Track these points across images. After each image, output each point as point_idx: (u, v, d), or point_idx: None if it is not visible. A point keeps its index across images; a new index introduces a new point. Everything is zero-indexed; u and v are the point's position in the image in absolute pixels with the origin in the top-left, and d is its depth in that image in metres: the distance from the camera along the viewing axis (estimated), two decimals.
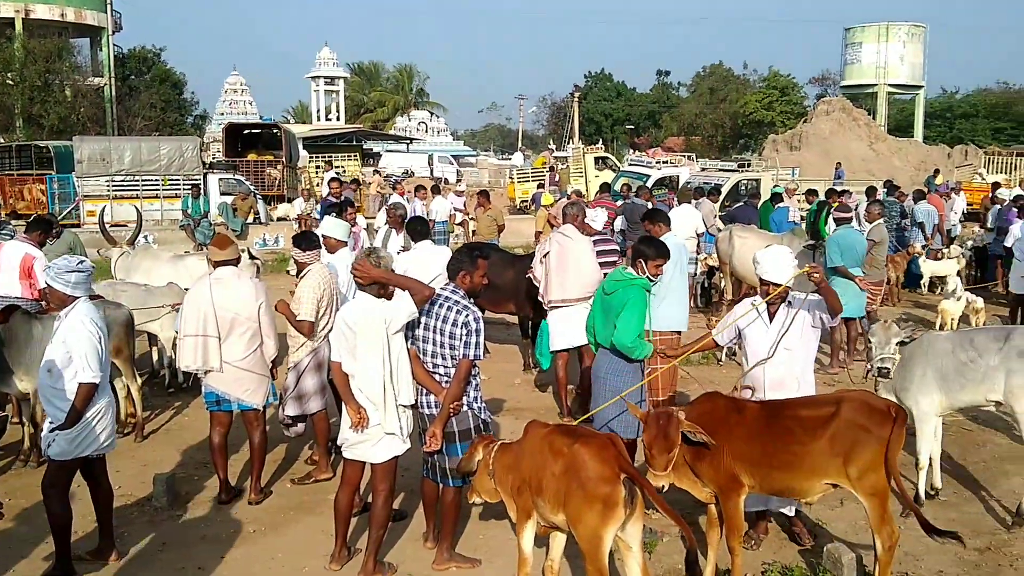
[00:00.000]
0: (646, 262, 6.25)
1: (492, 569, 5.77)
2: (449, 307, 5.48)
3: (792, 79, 68.84)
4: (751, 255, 13.11)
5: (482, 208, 17.40)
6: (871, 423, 5.03)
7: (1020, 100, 65.27)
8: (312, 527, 6.42)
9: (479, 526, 6.42)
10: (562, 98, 78.71)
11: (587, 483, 4.51)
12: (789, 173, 27.46)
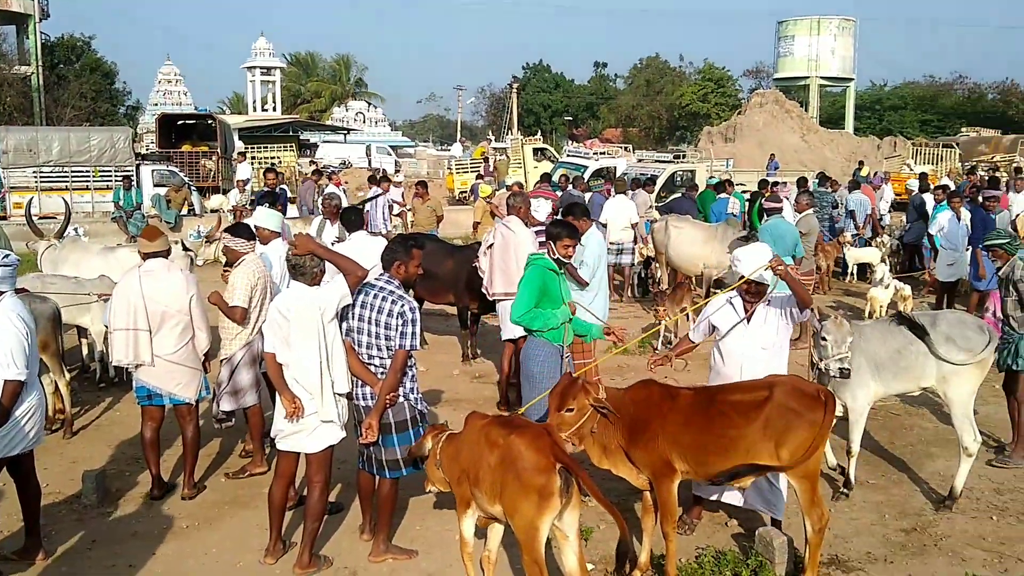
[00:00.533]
0: (555, 242, 6.42)
1: (429, 560, 5.77)
2: (384, 297, 5.46)
3: (727, 72, 69.85)
4: (686, 245, 13.47)
5: (420, 199, 17.34)
6: (802, 407, 5.12)
7: (945, 93, 66.99)
8: (247, 521, 6.35)
9: (416, 517, 6.41)
10: (501, 89, 78.83)
11: (523, 474, 4.51)
12: (723, 164, 27.88)
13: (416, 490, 6.59)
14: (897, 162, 33.90)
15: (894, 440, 8.09)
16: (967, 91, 67.58)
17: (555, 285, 6.40)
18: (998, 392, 8.18)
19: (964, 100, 66.29)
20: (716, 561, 5.58)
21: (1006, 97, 63.33)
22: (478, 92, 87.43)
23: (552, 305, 6.36)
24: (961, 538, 6.15)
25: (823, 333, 6.24)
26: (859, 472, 7.13)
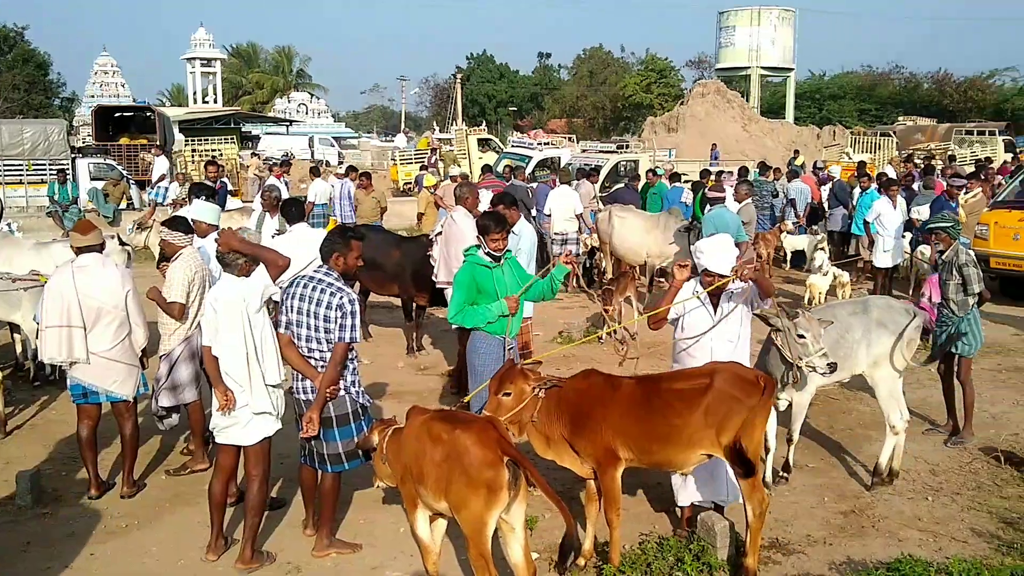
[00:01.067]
0: (484, 236, 6.37)
1: (373, 553, 5.74)
2: (323, 290, 5.40)
3: (670, 62, 70.30)
4: (630, 235, 13.54)
5: (365, 190, 17.24)
6: (742, 393, 5.18)
7: (883, 83, 68.16)
8: (188, 518, 6.26)
9: (360, 511, 6.38)
10: (445, 79, 78.50)
11: (470, 469, 4.48)
12: (666, 154, 28.09)
13: (360, 483, 6.58)
14: (836, 151, 34.42)
15: (832, 424, 8.23)
16: (904, 81, 68.82)
17: (488, 280, 6.32)
18: (934, 376, 8.35)
19: (901, 90, 67.50)
20: (659, 547, 5.63)
21: (941, 87, 64.60)
22: (422, 83, 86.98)
23: (488, 300, 6.30)
24: (898, 519, 6.28)
25: (799, 331, 5.93)
26: (799, 456, 7.25)
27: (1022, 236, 12.98)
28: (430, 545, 4.98)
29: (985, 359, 10.00)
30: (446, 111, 67.73)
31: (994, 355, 10.57)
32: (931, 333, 8.42)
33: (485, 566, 4.53)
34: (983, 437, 7.82)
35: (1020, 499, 6.58)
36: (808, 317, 5.99)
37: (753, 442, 5.21)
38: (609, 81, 71.92)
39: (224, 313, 5.33)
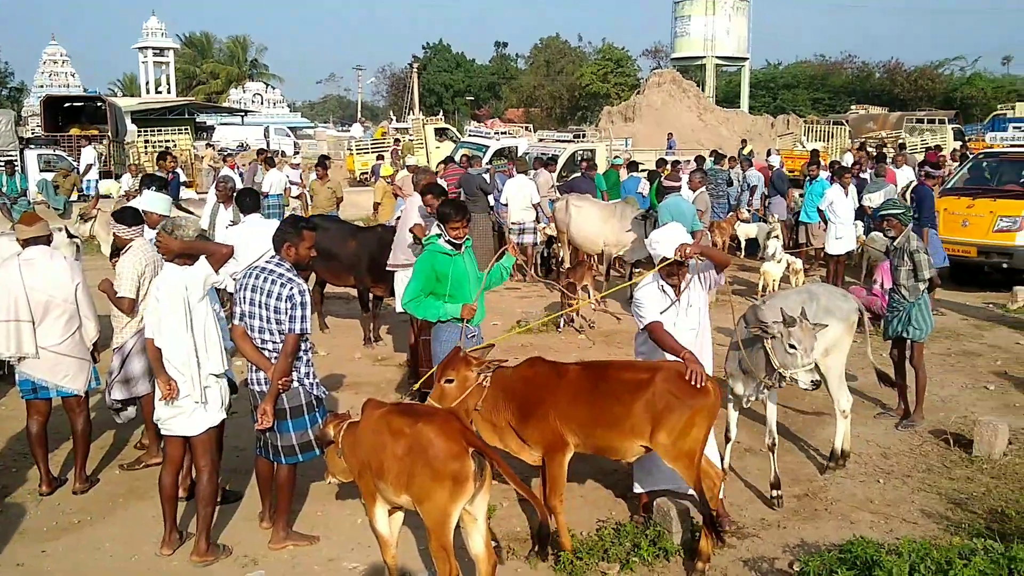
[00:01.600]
0: (445, 224, 6.38)
1: (330, 545, 5.72)
2: (274, 280, 5.36)
3: (626, 52, 70.55)
4: (587, 224, 13.57)
5: (320, 180, 17.11)
6: (683, 392, 5.22)
7: (836, 72, 69.02)
8: (142, 513, 6.18)
9: (316, 503, 6.35)
10: (401, 69, 78.08)
11: (435, 461, 4.44)
12: (623, 144, 28.19)
13: (316, 475, 6.54)
14: (790, 139, 34.79)
15: (785, 410, 8.32)
16: (856, 70, 69.76)
17: (447, 268, 6.34)
18: (885, 360, 8.48)
19: (853, 79, 68.41)
20: (616, 533, 5.68)
21: (892, 76, 65.57)
22: (378, 72, 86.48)
23: (447, 289, 6.32)
24: (850, 502, 6.38)
25: (791, 340, 5.72)
26: (752, 441, 7.34)
27: (970, 222, 13.23)
28: (389, 539, 4.95)
29: (935, 344, 10.18)
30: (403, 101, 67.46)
31: (944, 340, 10.76)
32: (882, 319, 8.55)
33: (446, 557, 4.51)
34: (933, 420, 7.97)
35: (968, 480, 6.71)
36: (805, 327, 5.79)
37: (692, 440, 5.22)
38: (566, 71, 72.07)
39: (165, 302, 5.30)
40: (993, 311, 12.55)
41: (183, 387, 5.33)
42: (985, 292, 13.63)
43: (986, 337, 11.12)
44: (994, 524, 5.85)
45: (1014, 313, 12.39)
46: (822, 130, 36.05)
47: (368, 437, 4.85)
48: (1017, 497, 6.06)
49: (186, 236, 5.45)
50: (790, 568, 5.35)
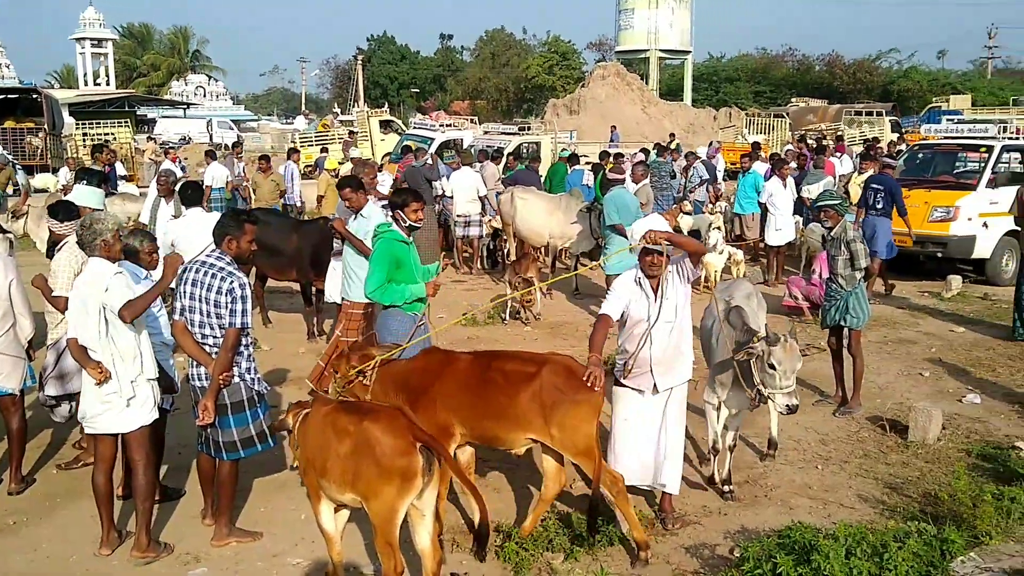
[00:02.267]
0: (403, 209, 6.48)
1: (274, 541, 5.68)
2: (214, 274, 5.30)
3: (572, 45, 70.79)
4: (532, 216, 13.61)
5: (263, 173, 16.95)
6: (568, 387, 5.27)
7: (777, 65, 69.93)
8: (80, 513, 6.07)
9: (260, 498, 6.30)
10: (346, 61, 77.58)
11: (382, 459, 4.41)
12: (568, 136, 28.29)
13: (260, 471, 6.52)
14: (732, 132, 35.20)
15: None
16: (796, 63, 70.73)
17: (407, 255, 6.45)
18: (823, 348, 8.64)
19: (794, 72, 69.36)
20: (561, 524, 5.72)
21: (832, 69, 66.62)
22: (323, 64, 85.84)
23: (405, 276, 6.38)
24: (789, 488, 6.50)
25: (771, 359, 5.61)
26: (695, 430, 7.44)
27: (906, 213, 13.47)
28: (334, 536, 4.93)
29: (872, 332, 10.39)
30: (348, 93, 66.97)
31: (880, 328, 11.00)
32: (820, 307, 8.71)
33: (392, 553, 4.49)
34: (870, 407, 8.15)
35: (903, 465, 6.88)
36: (788, 347, 5.64)
37: (584, 436, 5.29)
38: (512, 63, 72.12)
39: (85, 298, 5.22)
40: (928, 299, 12.85)
41: (110, 384, 5.24)
42: (921, 281, 13.94)
43: (921, 325, 11.38)
44: (928, 507, 6.01)
45: (948, 301, 12.70)
46: (763, 123, 36.56)
47: (312, 436, 4.83)
48: (950, 480, 6.20)
49: (104, 231, 5.32)
50: (731, 554, 5.44)
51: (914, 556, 4.90)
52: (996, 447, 7.14)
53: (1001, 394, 8.60)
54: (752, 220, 15.04)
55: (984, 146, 14.60)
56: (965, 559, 5.04)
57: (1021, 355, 9.92)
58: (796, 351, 5.70)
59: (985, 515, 5.46)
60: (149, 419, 5.42)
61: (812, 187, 14.60)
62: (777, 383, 5.65)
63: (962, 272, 13.85)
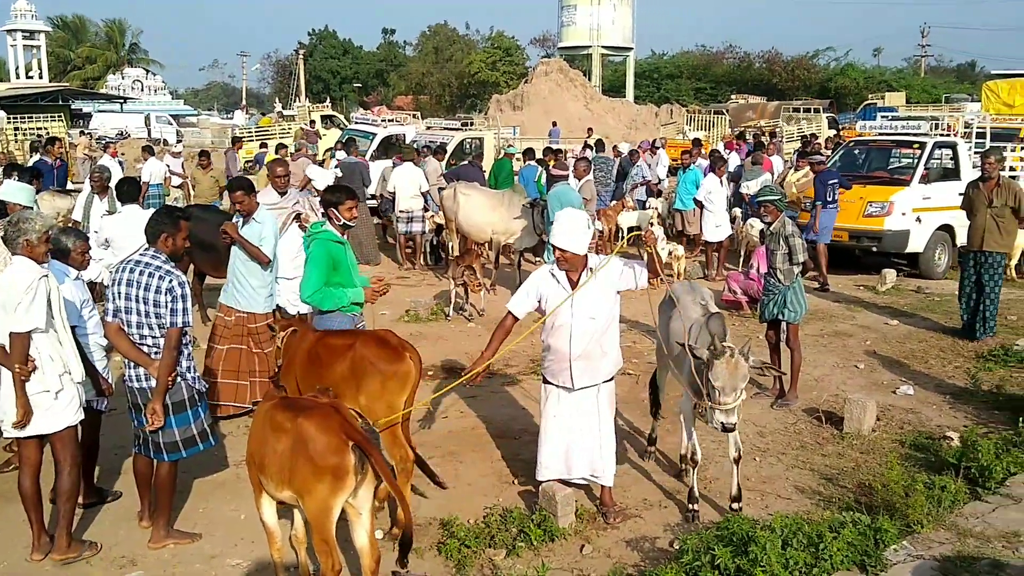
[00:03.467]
0: (337, 208, 6.42)
1: (213, 542, 5.60)
2: (151, 273, 5.20)
3: (515, 40, 70.81)
4: (475, 212, 13.60)
5: (203, 169, 16.72)
6: (378, 358, 5.56)
7: (717, 62, 70.71)
8: (11, 517, 5.87)
9: (199, 499, 6.21)
10: (287, 55, 76.77)
11: (315, 456, 4.38)
12: (511, 132, 28.32)
13: (199, 471, 6.43)
14: (673, 128, 35.52)
15: (670, 391, 8.47)
16: (737, 60, 71.58)
17: (343, 256, 6.37)
18: (762, 341, 8.76)
19: (734, 69, 70.17)
20: (503, 519, 5.73)
21: (771, 66, 67.52)
22: (263, 59, 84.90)
23: (343, 277, 6.31)
24: (728, 480, 6.56)
25: (711, 377, 5.40)
26: (637, 423, 7.51)
27: (842, 208, 13.73)
28: (276, 531, 4.88)
29: (809, 325, 10.57)
30: (289, 88, 66.31)
31: (817, 321, 11.19)
32: (758, 302, 8.83)
33: (329, 551, 4.46)
34: (806, 399, 8.29)
35: (839, 456, 7.01)
36: (733, 364, 5.37)
37: (387, 405, 5.56)
38: (455, 58, 71.97)
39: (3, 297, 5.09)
40: (864, 293, 13.12)
41: (32, 384, 5.12)
42: (856, 275, 14.23)
43: (857, 318, 11.61)
44: (862, 497, 6.12)
45: (883, 295, 12.98)
46: (704, 119, 36.96)
47: (255, 431, 4.81)
48: (883, 471, 6.33)
49: (29, 231, 5.18)
50: (671, 547, 5.50)
51: (848, 546, 5.01)
52: (928, 437, 7.32)
53: (933, 385, 8.81)
54: (693, 215, 15.22)
55: (917, 143, 14.93)
56: (898, 547, 5.17)
57: (953, 347, 10.18)
58: (742, 367, 5.40)
59: (917, 504, 5.59)
60: (74, 419, 5.31)
61: (751, 183, 14.83)
62: (716, 399, 5.45)
63: (896, 266, 14.18)
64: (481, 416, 7.87)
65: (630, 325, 10.62)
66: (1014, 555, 5.14)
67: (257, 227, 7.43)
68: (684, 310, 6.03)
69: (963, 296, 10.48)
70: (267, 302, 7.60)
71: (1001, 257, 10.22)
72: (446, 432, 7.51)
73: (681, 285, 6.55)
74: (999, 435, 6.98)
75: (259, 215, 7.49)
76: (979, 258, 10.23)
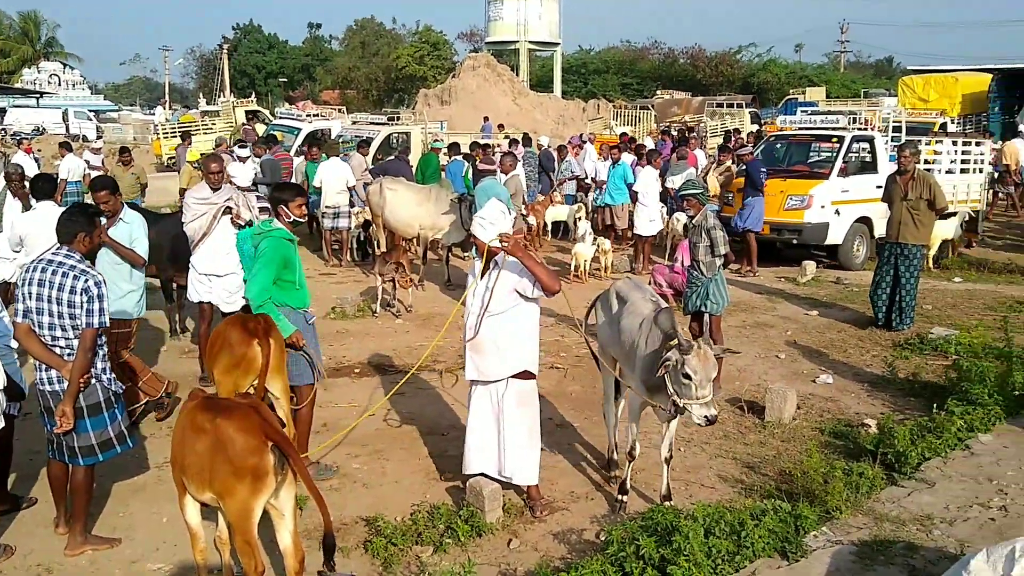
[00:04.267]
0: (287, 205, 6.38)
1: (133, 547, 5.48)
2: (65, 273, 5.06)
3: (443, 35, 70.55)
4: (402, 207, 13.53)
5: (124, 166, 16.33)
6: (233, 340, 5.83)
7: (642, 58, 71.41)
8: None
9: (118, 503, 6.08)
10: (211, 50, 75.44)
11: (234, 457, 4.32)
12: (438, 127, 28.22)
13: (117, 474, 6.29)
14: (601, 124, 35.74)
15: (594, 384, 8.56)
16: (662, 56, 72.37)
17: (293, 254, 6.34)
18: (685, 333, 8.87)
19: (659, 64, 70.94)
20: (430, 516, 5.72)
21: (695, 62, 68.40)
22: (187, 53, 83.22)
23: (293, 275, 6.28)
24: (654, 470, 6.62)
25: (686, 368, 5.27)
26: (567, 416, 7.56)
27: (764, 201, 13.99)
28: (199, 533, 4.80)
29: (732, 316, 10.77)
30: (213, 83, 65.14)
31: (740, 312, 11.40)
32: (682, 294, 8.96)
33: (251, 552, 4.40)
34: (729, 389, 8.43)
35: (761, 445, 7.14)
36: (703, 355, 5.32)
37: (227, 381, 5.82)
38: (382, 53, 71.43)
39: None
40: (784, 284, 13.39)
41: None
42: (778, 267, 14.52)
43: (778, 309, 11.85)
44: (783, 485, 6.24)
45: (803, 286, 13.27)
46: (630, 114, 37.28)
47: (176, 432, 4.72)
48: (803, 459, 6.47)
49: None
50: (597, 538, 5.55)
51: (770, 533, 5.10)
52: (847, 425, 7.50)
53: (851, 374, 9.03)
54: (622, 210, 15.38)
55: (836, 137, 15.29)
56: (817, 534, 5.28)
57: (870, 336, 10.45)
58: (711, 358, 5.38)
59: (836, 491, 5.72)
60: None
61: (675, 178, 15.02)
62: (693, 393, 5.32)
63: (816, 258, 14.50)
64: (409, 413, 7.84)
65: (558, 319, 10.68)
66: (927, 538, 5.30)
67: (126, 227, 7.23)
68: (634, 307, 6.05)
69: (877, 287, 10.72)
70: (137, 307, 7.43)
71: (917, 249, 10.47)
72: (373, 430, 7.46)
73: (626, 283, 6.54)
74: (914, 421, 7.17)
75: (126, 215, 7.29)
76: (896, 250, 10.50)
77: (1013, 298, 12.29)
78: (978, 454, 6.57)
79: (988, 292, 12.84)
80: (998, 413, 7.16)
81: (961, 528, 5.41)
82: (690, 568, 4.63)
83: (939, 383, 8.36)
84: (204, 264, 8.20)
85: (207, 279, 8.23)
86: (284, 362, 6.05)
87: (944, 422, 6.88)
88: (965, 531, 5.36)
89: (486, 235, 5.60)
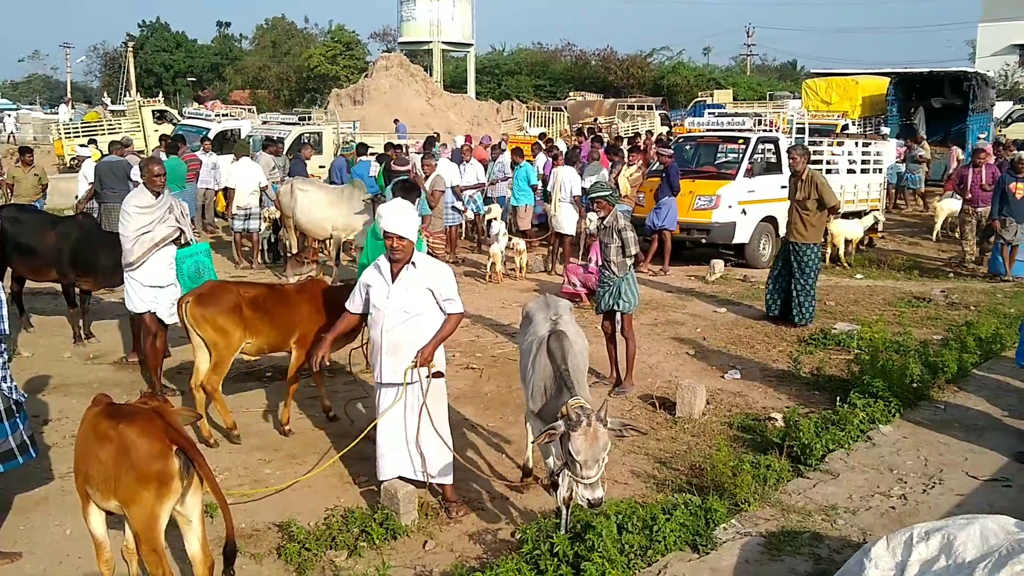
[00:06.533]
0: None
1: (34, 561, 5.29)
2: None
3: (355, 35, 70.00)
4: (314, 208, 13.39)
5: (24, 167, 15.76)
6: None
7: (555, 59, 71.94)
8: None
9: (20, 515, 5.86)
10: (115, 48, 73.42)
11: (138, 463, 4.21)
12: (350, 127, 27.98)
13: (17, 486, 6.09)
14: (514, 125, 35.93)
15: (511, 384, 8.62)
16: (574, 58, 72.99)
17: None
18: (598, 332, 8.99)
19: (572, 66, 71.52)
20: (344, 520, 5.67)
21: (606, 64, 69.16)
22: (90, 50, 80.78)
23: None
24: None
25: (571, 449, 4.64)
26: (483, 417, 7.57)
27: None
28: (105, 543, 4.67)
29: (643, 315, 10.93)
30: (118, 81, 63.44)
31: (651, 311, 11.58)
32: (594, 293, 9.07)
33: (158, 561, 4.30)
34: (642, 386, 8.57)
35: (672, 440, 7.27)
36: (591, 435, 4.63)
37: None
38: (293, 52, 70.53)
39: None
40: (694, 283, 13.65)
41: None
42: (687, 265, 14.80)
43: (688, 307, 12.08)
44: (694, 479, 6.36)
45: (712, 284, 13.56)
46: (544, 115, 37.54)
47: (79, 439, 4.59)
48: (712, 453, 6.60)
49: None
50: (512, 537, 5.57)
51: (681, 527, 5.21)
52: (754, 419, 7.67)
53: (758, 369, 9.26)
54: (525, 211, 15.54)
55: (742, 138, 15.64)
56: (727, 526, 5.41)
57: (776, 332, 10.72)
58: (603, 437, 4.69)
59: (744, 483, 5.87)
60: None
61: (588, 178, 15.16)
62: (577, 472, 4.67)
63: (724, 256, 14.82)
64: (322, 416, 7.76)
65: (474, 320, 10.70)
66: (832, 527, 5.48)
67: None
68: (536, 327, 5.77)
69: (771, 282, 11.04)
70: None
71: (809, 248, 10.74)
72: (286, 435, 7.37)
73: (536, 301, 6.28)
74: (819, 415, 7.38)
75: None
76: (790, 248, 10.82)
77: (911, 294, 12.77)
78: (879, 445, 6.82)
79: (888, 288, 13.31)
80: (897, 405, 7.45)
81: (864, 517, 5.61)
82: (604, 564, 4.69)
83: (842, 377, 8.63)
84: (149, 276, 7.93)
85: (151, 290, 7.98)
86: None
87: (847, 415, 7.12)
88: (867, 520, 5.56)
89: (409, 229, 5.54)
